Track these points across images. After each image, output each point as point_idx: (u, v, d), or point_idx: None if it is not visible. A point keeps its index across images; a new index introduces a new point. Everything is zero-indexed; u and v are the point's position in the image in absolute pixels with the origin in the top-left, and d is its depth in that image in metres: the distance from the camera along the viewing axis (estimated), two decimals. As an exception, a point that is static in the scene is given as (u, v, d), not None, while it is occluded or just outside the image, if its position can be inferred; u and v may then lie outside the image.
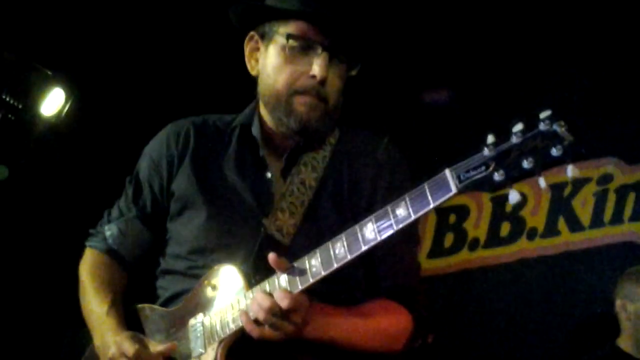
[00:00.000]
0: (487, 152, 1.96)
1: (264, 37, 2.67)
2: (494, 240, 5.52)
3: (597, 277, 5.11)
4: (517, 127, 1.94)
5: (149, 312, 2.73)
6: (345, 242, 2.21)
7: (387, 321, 2.55)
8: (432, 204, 2.04)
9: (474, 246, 5.58)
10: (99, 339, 2.67)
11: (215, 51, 4.88)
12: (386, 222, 2.13)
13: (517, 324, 5.28)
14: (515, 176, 1.93)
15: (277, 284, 2.33)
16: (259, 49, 2.70)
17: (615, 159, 5.23)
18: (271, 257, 2.31)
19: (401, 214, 2.10)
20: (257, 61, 2.71)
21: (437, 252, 5.70)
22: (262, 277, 2.41)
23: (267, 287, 2.35)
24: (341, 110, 2.68)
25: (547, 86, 5.25)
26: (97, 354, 2.69)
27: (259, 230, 2.55)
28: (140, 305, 2.77)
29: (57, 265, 4.34)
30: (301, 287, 2.27)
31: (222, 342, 2.44)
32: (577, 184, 5.27)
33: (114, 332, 2.62)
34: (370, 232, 2.17)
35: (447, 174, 2.01)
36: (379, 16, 3.44)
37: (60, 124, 5.15)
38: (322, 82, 2.55)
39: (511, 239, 5.46)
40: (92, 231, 2.94)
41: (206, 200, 2.67)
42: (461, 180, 1.99)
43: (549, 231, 5.35)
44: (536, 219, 5.39)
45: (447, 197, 2.02)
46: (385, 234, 2.14)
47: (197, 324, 2.52)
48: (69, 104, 5.11)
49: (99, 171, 5.35)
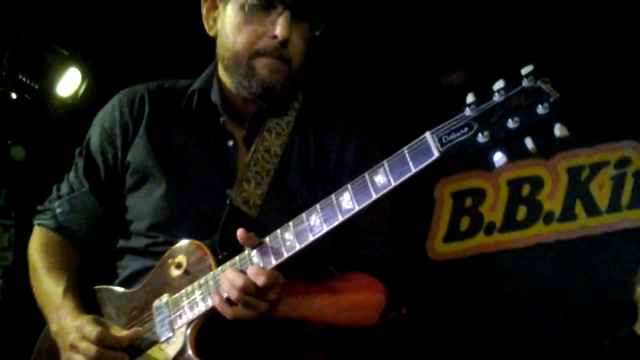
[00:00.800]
0: (468, 112, 1.87)
1: None
2: (510, 224, 5.50)
3: (614, 262, 5.09)
4: (499, 85, 1.85)
5: (108, 293, 2.51)
6: (320, 213, 2.08)
7: (360, 296, 2.44)
8: (414, 170, 1.92)
9: (490, 230, 5.55)
10: (56, 324, 2.43)
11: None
12: (364, 190, 2.01)
13: (533, 309, 5.27)
14: (501, 137, 1.82)
15: (249, 260, 2.18)
16: (217, 8, 2.52)
17: (633, 142, 5.20)
18: (239, 233, 2.16)
19: (380, 181, 1.98)
20: (215, 21, 2.53)
21: (453, 236, 5.67)
22: (230, 252, 2.26)
23: (238, 264, 2.20)
24: (305, 72, 2.51)
25: (563, 68, 5.20)
26: (53, 341, 2.45)
27: (223, 202, 2.38)
28: (97, 286, 2.54)
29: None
30: (275, 262, 2.13)
31: (191, 324, 2.25)
32: (595, 168, 5.24)
33: (73, 316, 2.39)
34: (347, 202, 2.04)
35: (428, 137, 1.90)
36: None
37: (76, 104, 5.15)
38: (284, 42, 2.38)
39: (528, 223, 5.43)
40: (41, 208, 2.68)
41: (165, 172, 2.47)
42: (443, 143, 1.88)
43: (566, 215, 5.32)
44: (553, 203, 5.36)
45: (429, 161, 1.91)
46: (363, 203, 2.01)
47: (163, 306, 2.32)
48: (85, 84, 5.11)
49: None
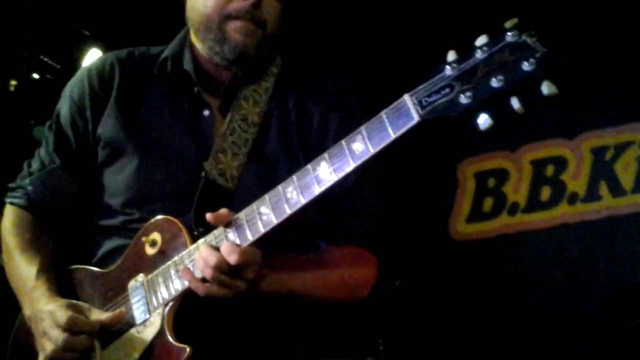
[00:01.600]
0: (449, 71, 1.76)
1: None
2: (534, 204, 5.45)
3: (639, 242, 5.05)
4: (481, 41, 1.75)
5: (83, 274, 2.41)
6: (297, 185, 1.98)
7: (350, 269, 2.35)
8: (393, 135, 1.82)
9: (513, 211, 5.51)
10: (29, 308, 2.32)
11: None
12: (342, 159, 1.90)
13: (557, 290, 5.22)
14: (484, 97, 1.71)
15: (225, 236, 2.08)
16: None
17: (658, 122, 5.14)
18: (208, 216, 2.06)
19: (358, 148, 1.88)
20: None
21: (476, 216, 5.63)
22: (206, 228, 2.15)
23: (213, 240, 2.10)
24: (282, 35, 2.40)
25: (586, 48, 5.16)
26: (27, 326, 2.34)
27: (200, 175, 2.27)
28: (73, 266, 2.44)
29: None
30: (252, 238, 2.03)
31: (167, 305, 2.16)
32: (619, 148, 5.18)
33: (46, 299, 2.28)
34: (324, 172, 1.93)
35: (407, 99, 1.80)
36: None
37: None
38: (256, 4, 2.26)
39: (552, 203, 5.38)
40: (12, 185, 2.56)
41: (137, 145, 2.35)
42: (423, 105, 1.78)
43: (591, 196, 5.26)
44: (577, 184, 5.31)
45: (409, 126, 1.80)
46: (341, 173, 1.91)
47: (138, 286, 2.23)
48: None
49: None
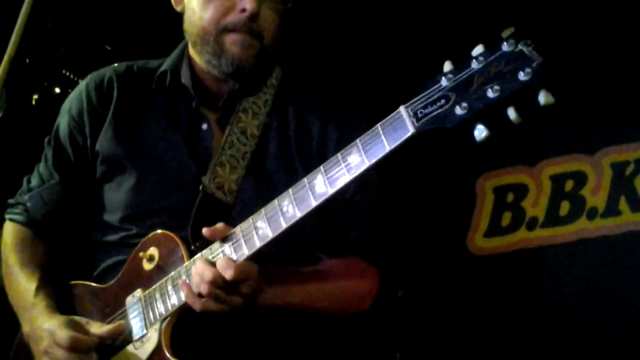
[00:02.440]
0: (445, 82, 1.76)
1: None
2: (553, 219, 5.41)
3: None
4: (477, 50, 1.74)
5: (82, 289, 2.43)
6: (293, 199, 1.98)
7: (351, 281, 2.35)
8: (388, 148, 1.83)
9: (532, 225, 5.47)
10: (28, 325, 2.34)
11: None
12: (338, 171, 1.91)
13: (576, 305, 5.17)
14: (479, 108, 1.71)
15: (221, 250, 2.08)
16: None
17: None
18: (204, 232, 2.07)
19: (354, 161, 1.89)
20: None
21: (494, 231, 5.60)
22: (203, 243, 2.16)
23: (210, 255, 2.11)
24: (281, 47, 2.40)
25: (608, 65, 5.14)
26: (26, 344, 2.35)
27: (198, 189, 2.27)
28: (72, 282, 2.46)
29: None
30: (248, 253, 2.04)
31: (164, 320, 2.16)
32: (639, 164, 5.15)
33: (45, 316, 2.28)
34: (320, 186, 1.93)
35: (402, 111, 1.81)
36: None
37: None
38: (253, 16, 2.25)
39: (571, 218, 5.33)
40: (12, 201, 2.60)
41: (135, 160, 2.37)
42: (419, 117, 1.78)
43: (610, 211, 5.21)
44: (597, 199, 5.27)
45: (404, 138, 1.81)
46: (337, 186, 1.91)
47: (136, 302, 2.22)
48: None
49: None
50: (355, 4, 5.43)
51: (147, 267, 2.25)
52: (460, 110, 1.73)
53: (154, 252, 2.25)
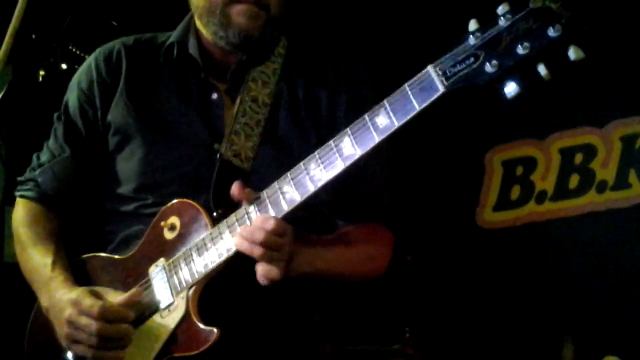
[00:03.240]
0: (472, 40, 1.75)
1: None
2: (562, 192, 5.41)
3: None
4: (503, 8, 1.72)
5: (100, 261, 2.41)
6: (320, 161, 1.97)
7: (370, 246, 2.37)
8: (418, 108, 1.81)
9: (541, 199, 5.47)
10: (47, 299, 2.31)
11: None
12: (366, 133, 1.90)
13: (585, 278, 5.19)
14: (510, 65, 1.70)
15: (247, 217, 2.08)
16: None
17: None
18: (234, 188, 2.08)
19: (382, 122, 1.86)
20: None
21: (503, 205, 5.61)
22: (224, 210, 2.18)
23: (235, 222, 2.11)
24: (287, 17, 2.37)
25: (614, 37, 5.10)
26: (45, 317, 2.33)
27: (212, 158, 2.27)
28: (87, 255, 2.44)
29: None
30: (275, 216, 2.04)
31: (191, 289, 2.17)
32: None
33: (65, 289, 2.27)
34: (348, 147, 1.92)
35: (431, 71, 1.79)
36: None
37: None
38: None
39: (580, 191, 5.33)
40: (21, 179, 2.56)
41: (147, 130, 2.36)
42: (448, 76, 1.77)
43: (620, 184, 5.21)
44: (606, 172, 5.26)
45: (434, 97, 1.79)
46: (366, 147, 1.89)
47: (160, 271, 2.23)
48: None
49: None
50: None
51: (169, 236, 2.25)
52: (490, 67, 1.72)
53: (174, 221, 2.25)
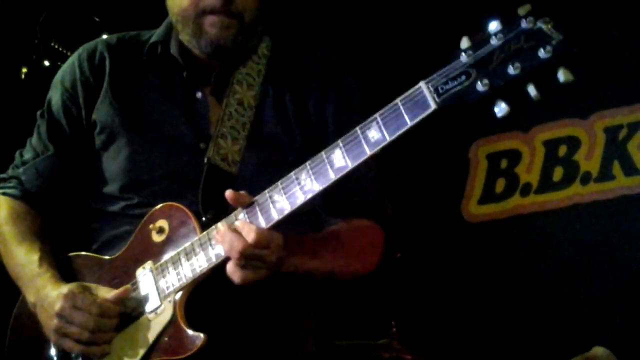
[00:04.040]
0: (464, 58, 1.77)
1: None
2: (546, 185, 5.41)
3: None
4: (495, 27, 1.74)
5: (85, 260, 2.41)
6: (311, 172, 1.99)
7: (361, 244, 2.38)
8: (410, 124, 1.84)
9: (526, 191, 5.47)
10: (34, 294, 2.30)
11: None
12: (357, 147, 1.91)
13: (570, 270, 5.20)
14: (501, 85, 1.73)
15: (237, 221, 2.08)
16: None
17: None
18: (229, 194, 2.06)
19: (374, 136, 1.89)
20: None
21: (488, 197, 5.61)
22: (213, 214, 2.20)
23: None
24: (265, 21, 2.38)
25: (599, 28, 5.12)
26: (30, 312, 2.33)
27: (198, 157, 2.29)
28: (73, 253, 2.44)
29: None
30: (265, 224, 2.05)
31: (178, 293, 2.17)
32: (633, 127, 5.15)
33: (53, 284, 2.27)
34: (339, 159, 1.94)
35: (423, 87, 1.81)
36: None
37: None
38: (229, 0, 2.24)
39: (564, 183, 5.34)
40: (4, 176, 2.56)
41: (132, 129, 2.36)
42: (440, 93, 1.79)
43: (604, 175, 5.22)
44: (590, 164, 5.27)
45: (426, 114, 1.82)
46: (357, 160, 1.92)
47: (147, 274, 2.23)
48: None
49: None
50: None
51: (157, 239, 2.26)
52: (481, 86, 1.75)
53: (163, 224, 2.25)
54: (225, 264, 2.10)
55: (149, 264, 2.25)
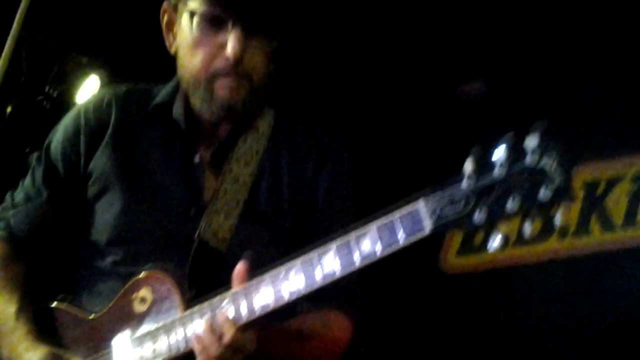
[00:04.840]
0: (465, 183, 1.74)
1: (177, 10, 2.37)
2: (524, 238, 5.42)
3: (630, 279, 5.03)
4: (500, 155, 1.72)
5: (65, 315, 2.37)
6: (302, 273, 1.96)
7: (329, 337, 2.34)
8: (401, 243, 1.82)
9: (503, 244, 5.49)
10: (8, 349, 2.27)
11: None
12: (348, 254, 1.89)
13: (548, 325, 5.19)
14: (497, 219, 1.74)
15: (220, 312, 2.05)
16: (175, 23, 2.39)
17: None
18: (238, 270, 2.05)
19: (366, 248, 1.87)
20: (175, 37, 2.39)
21: (466, 249, 5.63)
22: (198, 290, 2.17)
23: (208, 310, 2.08)
24: (272, 85, 2.40)
25: (578, 81, 5.20)
26: None
27: (187, 223, 2.30)
28: (54, 304, 2.40)
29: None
30: (246, 318, 2.02)
31: None
32: (610, 183, 5.20)
33: (27, 344, 2.24)
34: (330, 263, 1.92)
35: (422, 207, 1.79)
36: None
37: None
38: (237, 62, 2.26)
39: (542, 237, 5.36)
40: None
41: (127, 184, 2.36)
42: (438, 216, 1.77)
43: (581, 230, 5.26)
44: (568, 218, 5.29)
45: (419, 236, 1.80)
46: (346, 270, 1.91)
47: (124, 344, 2.19)
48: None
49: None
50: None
51: (138, 308, 2.22)
52: (478, 217, 1.75)
53: (146, 294, 2.21)
54: None
55: (127, 334, 2.22)
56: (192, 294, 2.18)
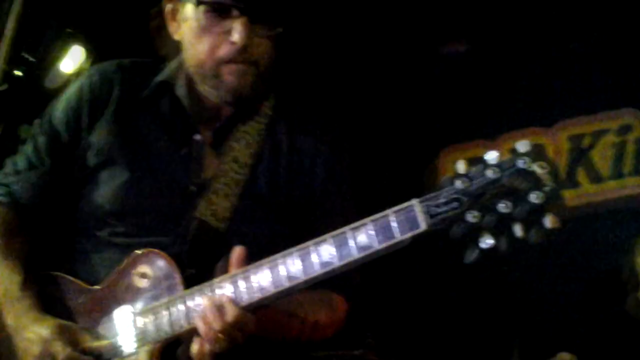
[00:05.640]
0: (459, 185, 1.78)
1: None
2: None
3: (617, 228, 5.07)
4: (492, 158, 1.77)
5: (67, 284, 2.36)
6: (300, 261, 1.99)
7: (323, 316, 2.36)
8: (400, 238, 1.85)
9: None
10: (13, 317, 2.28)
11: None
12: (345, 248, 1.93)
13: (536, 278, 5.28)
14: (490, 220, 1.76)
15: (222, 290, 2.08)
16: (179, 11, 2.41)
17: (633, 110, 5.20)
18: (236, 254, 2.08)
19: (363, 241, 1.91)
20: (180, 24, 2.42)
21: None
22: (198, 269, 2.21)
23: (209, 292, 2.10)
24: (275, 71, 2.43)
25: (561, 38, 5.21)
26: (7, 333, 2.29)
27: (186, 199, 2.32)
28: (57, 273, 2.39)
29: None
30: (247, 302, 2.05)
31: (156, 344, 2.16)
32: (596, 135, 5.24)
33: (34, 315, 2.26)
34: (326, 255, 1.95)
35: (416, 206, 1.83)
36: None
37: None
38: (243, 48, 2.29)
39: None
40: None
41: (129, 158, 2.38)
42: (432, 215, 1.80)
43: (569, 183, 5.30)
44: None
45: (415, 233, 1.83)
46: (344, 261, 1.93)
47: (126, 318, 2.21)
48: (90, 62, 5.08)
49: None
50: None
51: (139, 283, 2.24)
52: (470, 217, 1.76)
53: (146, 270, 2.23)
54: None
55: (130, 308, 2.24)
56: (192, 273, 2.22)
